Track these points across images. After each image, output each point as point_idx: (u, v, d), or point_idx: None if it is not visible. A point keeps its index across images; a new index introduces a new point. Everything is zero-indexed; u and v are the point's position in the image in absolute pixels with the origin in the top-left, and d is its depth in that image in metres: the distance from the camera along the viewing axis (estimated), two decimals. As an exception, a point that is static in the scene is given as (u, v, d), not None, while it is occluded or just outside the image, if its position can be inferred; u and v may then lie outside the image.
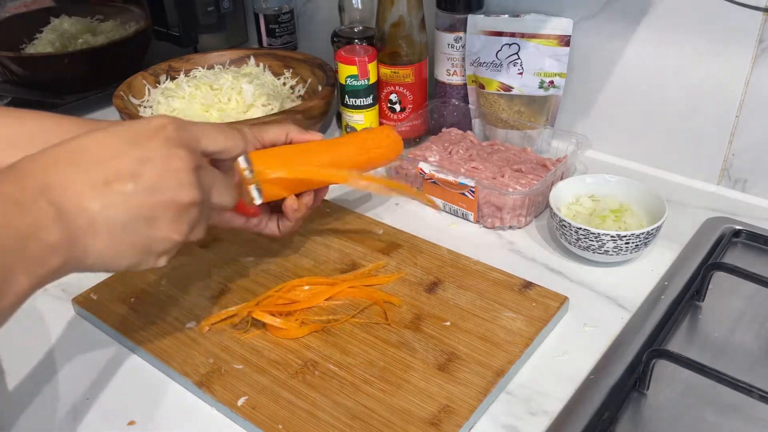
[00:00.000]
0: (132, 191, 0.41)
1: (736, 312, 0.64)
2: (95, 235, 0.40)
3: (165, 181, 0.42)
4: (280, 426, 0.52)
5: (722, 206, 0.79)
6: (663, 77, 0.80)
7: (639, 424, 0.54)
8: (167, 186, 0.42)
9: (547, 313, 0.62)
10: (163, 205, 0.42)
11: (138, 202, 0.41)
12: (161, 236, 0.43)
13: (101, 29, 1.16)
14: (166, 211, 0.42)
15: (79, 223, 0.39)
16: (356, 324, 0.61)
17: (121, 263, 0.43)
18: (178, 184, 0.42)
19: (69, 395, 0.57)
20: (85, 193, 0.39)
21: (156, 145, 0.42)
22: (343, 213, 0.78)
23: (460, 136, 0.87)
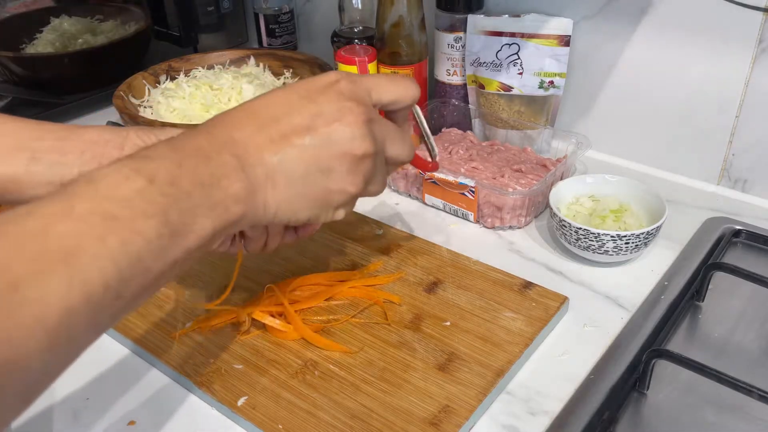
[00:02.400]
0: (307, 144, 0.42)
1: (736, 312, 0.64)
2: (274, 186, 0.41)
3: (338, 133, 0.43)
4: (280, 426, 0.52)
5: (722, 206, 0.79)
6: (663, 77, 0.80)
7: (639, 424, 0.54)
8: (340, 138, 0.43)
9: (547, 313, 0.62)
10: (338, 157, 0.43)
11: (313, 154, 0.42)
12: (337, 188, 0.44)
13: (101, 29, 1.16)
14: (341, 163, 0.43)
15: (259, 175, 0.41)
16: (356, 324, 0.61)
17: (300, 215, 0.44)
18: (351, 136, 0.43)
19: (69, 395, 0.57)
20: (265, 147, 0.41)
21: (328, 99, 0.43)
22: (343, 213, 0.78)
23: (460, 136, 0.87)
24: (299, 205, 0.43)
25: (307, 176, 0.43)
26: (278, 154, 0.41)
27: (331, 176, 0.43)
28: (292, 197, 0.43)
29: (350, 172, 0.44)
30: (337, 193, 0.44)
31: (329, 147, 0.43)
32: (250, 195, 0.40)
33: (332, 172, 0.43)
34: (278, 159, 0.41)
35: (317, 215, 0.45)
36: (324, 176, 0.43)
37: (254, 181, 0.40)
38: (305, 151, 0.42)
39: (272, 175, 0.41)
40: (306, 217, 0.44)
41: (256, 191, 0.41)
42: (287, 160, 0.42)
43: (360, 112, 0.44)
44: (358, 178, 0.45)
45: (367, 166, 0.45)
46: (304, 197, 0.43)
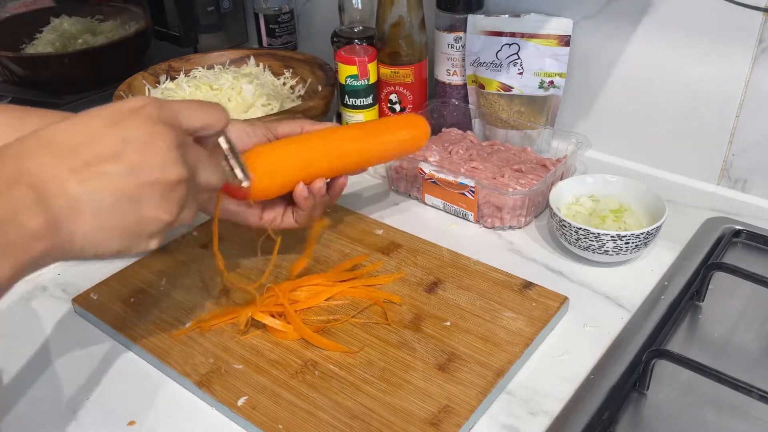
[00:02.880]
0: (115, 172, 0.39)
1: (736, 312, 0.64)
2: (79, 218, 0.39)
3: (149, 159, 0.40)
4: (280, 426, 0.52)
5: (722, 206, 0.79)
6: (663, 77, 0.80)
7: (639, 424, 0.54)
8: (152, 165, 0.40)
9: (547, 313, 0.62)
10: (149, 184, 0.40)
11: (122, 183, 0.40)
12: (150, 217, 0.41)
13: (101, 29, 1.16)
14: (153, 190, 0.41)
15: (62, 207, 0.38)
16: (356, 324, 0.61)
17: (111, 247, 0.41)
18: (162, 162, 0.41)
19: (69, 395, 0.57)
20: (66, 176, 0.38)
21: (136, 124, 0.41)
22: (343, 213, 0.78)
23: (460, 136, 0.87)
24: (109, 235, 0.40)
25: (116, 206, 0.40)
26: (82, 184, 0.38)
27: (142, 205, 0.41)
28: (100, 229, 0.40)
29: (163, 200, 0.41)
30: (150, 222, 0.42)
31: (139, 175, 0.40)
32: (53, 229, 0.37)
33: (143, 200, 0.41)
34: (82, 189, 0.38)
35: (128, 246, 0.42)
36: (134, 206, 0.40)
37: (56, 214, 0.37)
38: (113, 180, 0.39)
39: (77, 206, 0.38)
40: (116, 248, 0.41)
41: (60, 224, 0.38)
42: (93, 190, 0.39)
43: (171, 137, 0.42)
44: (171, 206, 0.42)
45: (181, 192, 0.43)
46: (114, 228, 0.40)
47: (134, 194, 0.40)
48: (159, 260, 0.71)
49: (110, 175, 0.39)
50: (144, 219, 0.41)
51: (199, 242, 0.74)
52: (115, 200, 0.39)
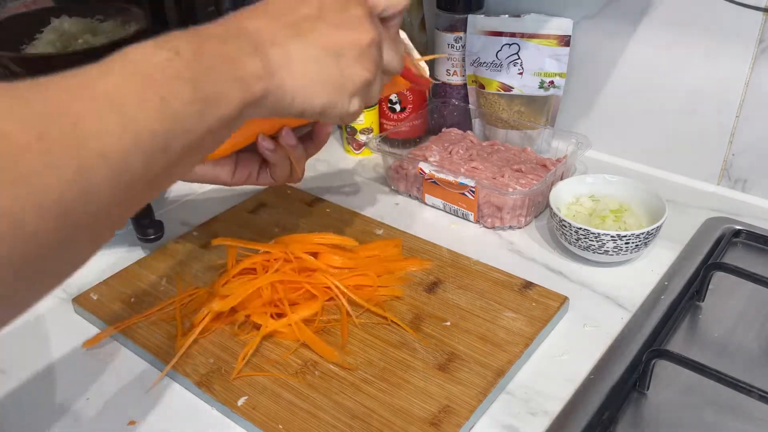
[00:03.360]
0: (318, 30, 0.45)
1: (736, 312, 0.64)
2: (290, 69, 0.43)
3: (346, 22, 0.46)
4: (280, 426, 0.52)
5: (722, 206, 0.79)
6: (663, 77, 0.80)
7: (639, 424, 0.54)
8: (348, 26, 0.46)
9: (547, 313, 0.62)
10: (348, 43, 0.45)
11: (324, 39, 0.45)
12: (350, 72, 0.46)
13: (101, 29, 1.16)
14: (351, 48, 0.46)
15: (274, 57, 0.43)
16: (356, 324, 0.61)
17: (318, 99, 0.45)
18: (358, 25, 0.46)
19: (69, 395, 0.57)
20: (277, 32, 0.43)
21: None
22: (343, 213, 0.78)
23: (460, 136, 0.87)
24: (316, 87, 0.45)
25: (320, 60, 0.45)
26: (291, 38, 0.44)
27: (343, 60, 0.45)
28: (307, 80, 0.44)
29: (361, 58, 0.46)
30: (350, 78, 0.46)
31: (338, 33, 0.45)
32: (268, 74, 0.42)
33: (343, 56, 0.45)
34: (291, 43, 0.43)
35: (333, 101, 0.46)
36: (337, 60, 0.45)
37: (271, 62, 0.42)
38: (316, 37, 0.44)
39: (287, 57, 0.43)
40: (322, 102, 0.46)
41: (274, 72, 0.42)
42: (300, 44, 0.44)
43: (362, 5, 0.47)
44: (369, 64, 0.47)
45: (375, 53, 0.47)
46: (319, 80, 0.45)
47: (335, 50, 0.45)
48: (159, 260, 0.71)
49: (313, 32, 0.45)
50: (345, 74, 0.46)
51: (199, 242, 0.74)
52: (318, 54, 0.45)
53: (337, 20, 0.45)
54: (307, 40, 0.44)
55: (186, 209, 0.82)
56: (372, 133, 0.91)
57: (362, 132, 0.91)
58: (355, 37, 0.46)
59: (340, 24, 0.45)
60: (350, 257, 0.67)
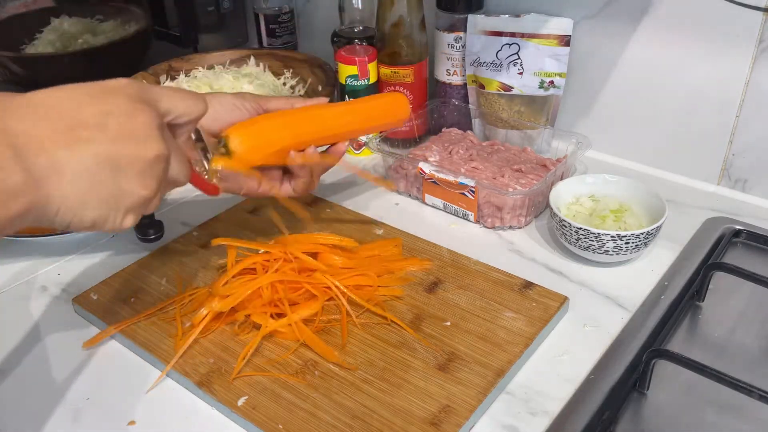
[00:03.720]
0: (98, 139, 0.40)
1: (736, 312, 0.64)
2: (59, 180, 0.39)
3: (131, 133, 0.41)
4: (280, 426, 0.52)
5: (722, 206, 0.79)
6: (663, 77, 0.80)
7: (639, 424, 0.54)
8: (134, 138, 0.41)
9: (547, 313, 0.62)
10: (130, 156, 0.41)
11: (104, 150, 0.40)
12: (128, 189, 0.42)
13: (101, 29, 1.16)
14: (133, 162, 0.41)
15: (42, 165, 0.38)
16: (356, 324, 0.61)
17: (87, 215, 0.41)
18: (144, 137, 0.42)
19: (69, 395, 0.57)
20: (49, 137, 0.38)
21: (119, 101, 0.41)
22: (343, 213, 0.78)
23: (460, 136, 0.87)
24: (86, 203, 0.41)
25: (96, 172, 0.40)
26: (64, 147, 0.39)
27: (122, 175, 0.41)
28: (79, 194, 0.40)
29: (143, 174, 0.42)
30: (127, 195, 0.42)
31: (121, 144, 0.41)
32: (32, 187, 0.37)
33: (123, 171, 0.41)
34: (64, 152, 0.39)
35: (105, 217, 0.42)
36: (114, 174, 0.41)
37: (36, 173, 0.38)
38: (95, 146, 0.40)
39: (57, 167, 0.39)
40: (92, 218, 0.41)
41: (39, 184, 0.38)
42: (75, 154, 0.39)
43: (153, 115, 0.43)
44: (151, 181, 0.43)
45: (159, 169, 0.43)
46: (92, 195, 0.40)
47: (115, 163, 0.41)
48: (159, 260, 0.71)
49: (93, 142, 0.40)
50: (122, 191, 0.42)
51: (199, 242, 0.74)
52: (95, 166, 0.40)
53: (120, 131, 0.41)
54: (83, 151, 0.39)
55: (186, 209, 0.82)
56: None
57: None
58: (139, 152, 0.41)
59: (123, 135, 0.41)
60: (350, 257, 0.67)
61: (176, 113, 0.46)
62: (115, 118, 0.41)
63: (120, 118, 0.41)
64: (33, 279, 0.71)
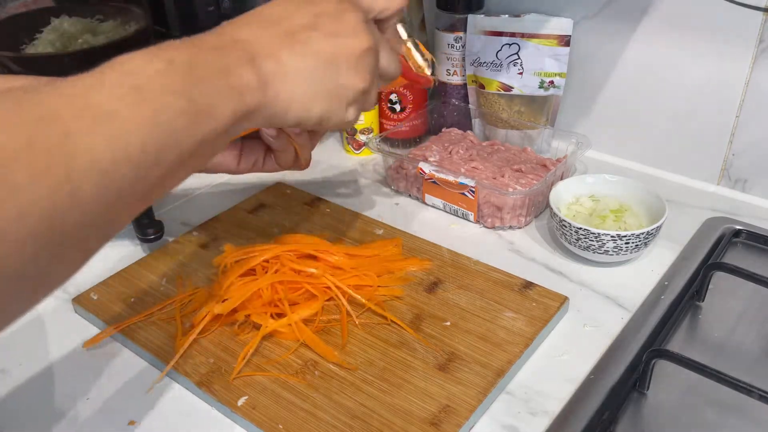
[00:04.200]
0: (313, 39, 0.44)
1: (736, 312, 0.64)
2: (285, 80, 0.43)
3: (340, 29, 0.45)
4: (280, 426, 0.52)
5: (722, 206, 0.79)
6: (663, 77, 0.80)
7: (639, 424, 0.54)
8: (344, 34, 0.45)
9: (547, 313, 0.62)
10: (343, 51, 0.45)
11: (319, 48, 0.44)
12: (346, 82, 0.46)
13: (101, 29, 1.16)
14: (348, 56, 0.45)
15: (269, 67, 0.42)
16: (356, 324, 0.61)
17: (313, 111, 0.45)
18: (353, 32, 0.45)
19: (69, 395, 0.57)
20: (272, 42, 0.43)
21: (325, 3, 0.46)
22: (343, 213, 0.78)
23: (460, 136, 0.87)
24: (311, 98, 0.44)
25: (315, 70, 0.44)
26: (285, 49, 0.43)
27: (338, 70, 0.45)
28: (303, 90, 0.44)
29: (356, 67, 0.46)
30: (346, 88, 0.46)
31: (334, 42, 0.45)
32: (262, 86, 0.41)
33: (339, 66, 0.45)
34: (286, 54, 0.43)
35: (329, 111, 0.46)
36: (332, 70, 0.45)
37: (265, 73, 0.42)
38: (311, 46, 0.44)
39: (282, 68, 0.43)
40: (318, 112, 0.45)
41: (268, 83, 0.42)
42: (295, 54, 0.43)
43: (357, 12, 0.46)
44: (364, 73, 0.46)
45: (371, 60, 0.47)
46: (315, 90, 0.44)
47: (331, 59, 0.45)
48: (159, 260, 0.71)
49: (309, 42, 0.44)
50: (341, 84, 0.46)
51: (199, 242, 0.74)
52: (314, 64, 0.44)
53: (332, 28, 0.45)
54: (302, 50, 0.44)
55: (186, 209, 0.82)
56: (372, 133, 0.91)
57: (362, 132, 0.91)
58: (350, 46, 0.45)
59: (335, 32, 0.45)
60: (350, 257, 0.67)
61: (378, 9, 0.50)
62: (325, 19, 0.45)
63: (329, 18, 0.45)
64: (33, 279, 0.71)
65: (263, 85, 0.42)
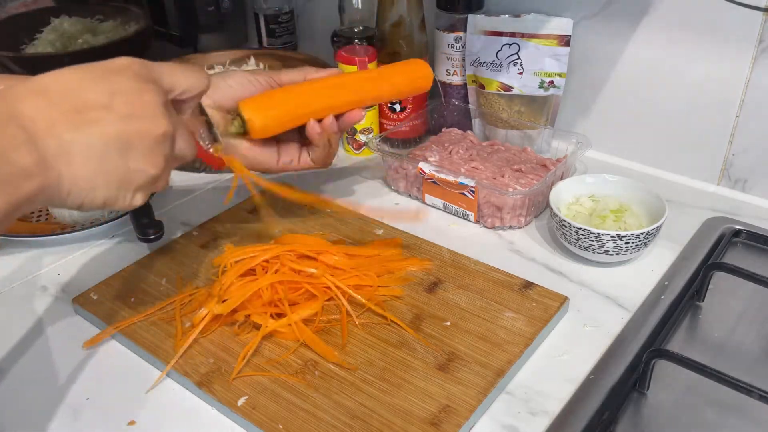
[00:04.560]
0: (105, 119, 0.41)
1: (736, 312, 0.64)
2: (69, 161, 0.40)
3: (137, 111, 0.42)
4: (280, 426, 0.52)
5: (722, 206, 0.79)
6: (663, 77, 0.80)
7: (639, 424, 0.54)
8: (140, 116, 0.42)
9: (547, 313, 0.62)
10: (138, 134, 0.42)
11: (112, 129, 0.41)
12: (137, 167, 0.43)
13: (101, 29, 1.16)
14: (141, 141, 0.42)
15: (52, 147, 0.39)
16: (356, 324, 0.61)
17: (97, 195, 0.42)
18: (151, 115, 0.42)
19: (69, 395, 0.57)
20: (57, 119, 0.39)
21: (124, 79, 0.42)
22: (343, 213, 0.78)
23: (460, 136, 0.87)
24: (96, 183, 0.41)
25: (104, 152, 0.41)
26: (73, 129, 0.40)
27: (130, 154, 0.42)
28: (88, 173, 0.41)
29: (150, 152, 0.43)
30: (137, 173, 0.43)
31: (128, 123, 0.42)
32: (42, 169, 0.38)
33: (131, 149, 0.42)
34: (73, 134, 0.40)
35: (115, 197, 0.43)
36: (123, 153, 0.42)
37: (46, 155, 0.39)
38: (103, 126, 0.41)
39: (67, 149, 0.40)
40: (102, 198, 0.43)
41: (49, 165, 0.39)
42: (84, 135, 0.40)
43: (157, 93, 0.44)
44: (158, 159, 0.44)
45: (166, 146, 0.44)
46: (102, 175, 0.41)
47: (122, 143, 0.41)
48: (159, 260, 0.71)
49: (100, 122, 0.41)
50: (131, 170, 0.43)
51: (199, 242, 0.74)
52: (103, 146, 0.41)
53: (127, 110, 0.42)
54: (91, 132, 0.40)
55: (186, 209, 0.82)
56: (372, 133, 0.91)
57: (362, 132, 0.91)
58: (146, 129, 0.42)
59: (130, 114, 0.42)
60: (350, 257, 0.67)
61: (180, 89, 0.47)
62: (121, 98, 0.42)
63: (125, 97, 0.42)
64: (33, 279, 0.71)
65: (44, 167, 0.38)
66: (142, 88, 0.43)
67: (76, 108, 0.40)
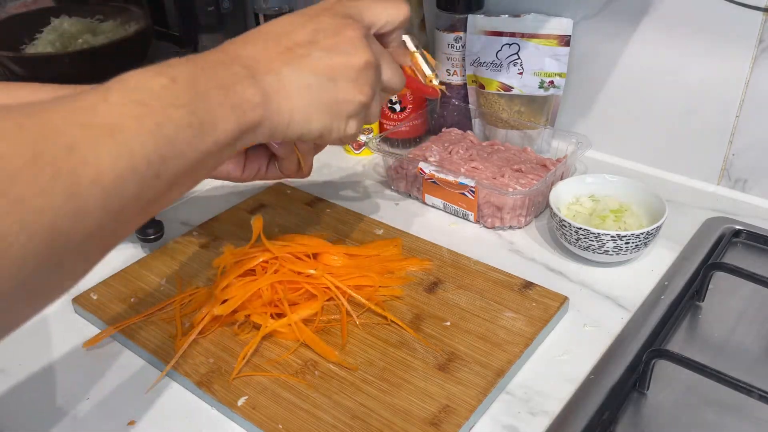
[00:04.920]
0: (312, 54, 0.45)
1: (736, 312, 0.64)
2: (287, 95, 0.44)
3: (340, 46, 0.46)
4: (280, 426, 0.52)
5: (722, 206, 0.79)
6: (663, 77, 0.80)
7: (639, 424, 0.54)
8: (342, 50, 0.46)
9: (547, 313, 0.62)
10: (342, 66, 0.46)
11: (319, 63, 0.45)
12: (345, 97, 0.47)
13: (101, 29, 1.16)
14: (346, 71, 0.46)
15: (270, 83, 0.43)
16: (356, 324, 0.61)
17: (314, 125, 0.46)
18: (352, 48, 0.46)
19: (69, 395, 0.57)
20: (273, 58, 0.44)
21: (326, 18, 0.47)
22: (343, 213, 0.78)
23: (460, 136, 0.87)
24: (312, 113, 0.46)
25: (316, 85, 0.45)
26: (286, 64, 0.44)
27: (338, 85, 0.46)
28: (304, 105, 0.45)
29: (356, 81, 0.47)
30: (346, 103, 0.47)
31: (332, 57, 0.46)
32: (264, 101, 0.42)
33: (338, 80, 0.46)
34: (286, 69, 0.44)
35: (330, 125, 0.47)
36: (331, 84, 0.46)
37: (266, 89, 0.43)
38: (311, 62, 0.45)
39: (283, 83, 0.44)
40: (319, 127, 0.47)
41: (270, 98, 0.43)
42: (294, 70, 0.44)
43: (357, 27, 0.47)
44: (364, 87, 0.48)
45: (370, 75, 0.48)
46: (315, 105, 0.46)
47: (329, 74, 0.46)
48: (159, 260, 0.71)
49: (308, 57, 0.45)
50: (340, 99, 0.47)
51: (199, 242, 0.74)
52: (314, 79, 0.45)
53: (330, 44, 0.46)
54: (302, 66, 0.45)
55: (186, 209, 0.82)
56: (372, 133, 0.91)
57: (362, 132, 0.91)
58: (349, 61, 0.46)
59: (333, 48, 0.46)
60: (350, 257, 0.67)
61: (381, 23, 0.51)
62: (325, 34, 0.46)
63: (328, 33, 0.46)
64: (33, 279, 0.71)
65: (265, 100, 0.43)
66: (343, 24, 0.47)
67: (287, 47, 0.45)
